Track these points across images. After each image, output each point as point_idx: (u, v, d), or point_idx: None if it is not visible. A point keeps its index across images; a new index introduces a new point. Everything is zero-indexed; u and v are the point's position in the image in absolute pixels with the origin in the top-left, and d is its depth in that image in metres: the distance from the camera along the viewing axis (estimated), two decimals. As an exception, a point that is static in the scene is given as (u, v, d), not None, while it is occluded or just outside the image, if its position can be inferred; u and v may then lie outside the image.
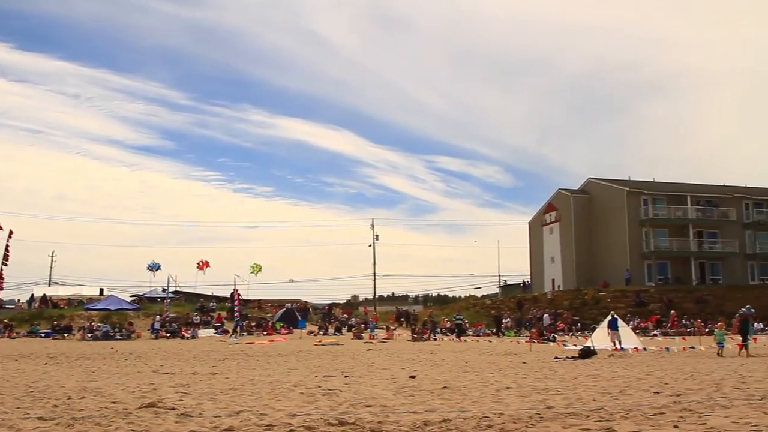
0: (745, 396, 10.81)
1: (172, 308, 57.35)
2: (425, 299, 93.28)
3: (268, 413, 9.70)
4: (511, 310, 59.55)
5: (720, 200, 66.30)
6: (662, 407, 9.60)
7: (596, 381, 14.70)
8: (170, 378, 16.51)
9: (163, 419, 9.19)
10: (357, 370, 19.63)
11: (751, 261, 65.98)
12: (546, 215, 71.84)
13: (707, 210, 65.24)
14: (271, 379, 16.13)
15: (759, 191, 69.58)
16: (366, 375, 17.56)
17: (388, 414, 9.53)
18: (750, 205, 67.33)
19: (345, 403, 11.05)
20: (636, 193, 63.84)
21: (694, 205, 64.60)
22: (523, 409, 9.89)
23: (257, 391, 13.12)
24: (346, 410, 10.06)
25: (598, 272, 63.28)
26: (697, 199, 65.36)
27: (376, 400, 11.51)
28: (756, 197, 68.05)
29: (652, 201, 64.02)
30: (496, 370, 18.97)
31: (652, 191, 64.92)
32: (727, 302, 56.02)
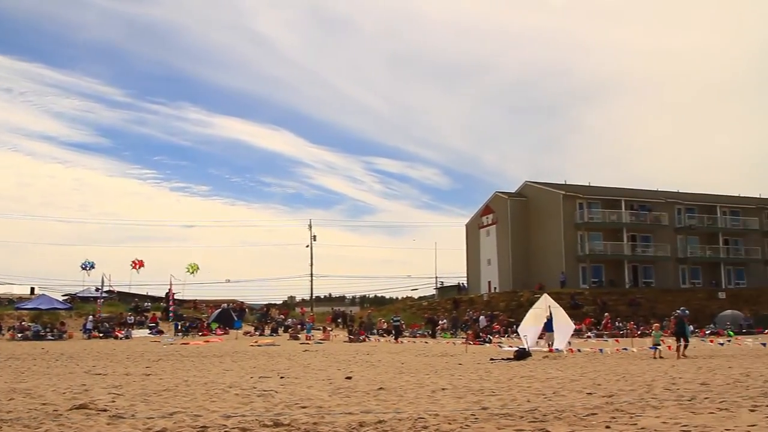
0: (675, 397, 10.98)
1: (105, 308, 56.57)
2: (362, 300, 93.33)
3: (202, 414, 9.59)
4: (448, 312, 59.82)
5: (653, 205, 67.49)
6: (595, 408, 9.71)
7: (531, 382, 14.82)
8: (102, 379, 16.25)
9: (95, 421, 9.03)
10: (293, 371, 19.54)
11: (683, 265, 67.29)
12: (483, 218, 72.32)
13: (641, 214, 66.31)
14: (205, 380, 15.97)
15: (691, 197, 71.06)
16: (302, 376, 17.49)
17: (323, 415, 9.48)
18: (682, 210, 68.66)
19: (280, 404, 10.98)
20: (572, 196, 64.63)
21: (628, 210, 65.63)
22: (459, 410, 9.91)
23: (191, 392, 12.97)
24: (282, 411, 10.00)
25: (533, 274, 63.91)
26: (631, 204, 66.41)
27: (312, 401, 11.46)
28: (688, 202, 69.45)
29: (588, 205, 64.86)
30: (432, 372, 19.01)
31: (588, 195, 65.78)
32: (659, 305, 57.07)
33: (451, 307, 62.02)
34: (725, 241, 69.51)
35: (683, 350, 24.47)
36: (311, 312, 67.02)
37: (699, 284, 66.90)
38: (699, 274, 68.15)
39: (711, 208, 69.77)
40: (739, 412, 8.79)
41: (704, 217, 69.00)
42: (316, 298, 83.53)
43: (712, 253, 68.21)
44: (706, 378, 14.26)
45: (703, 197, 71.99)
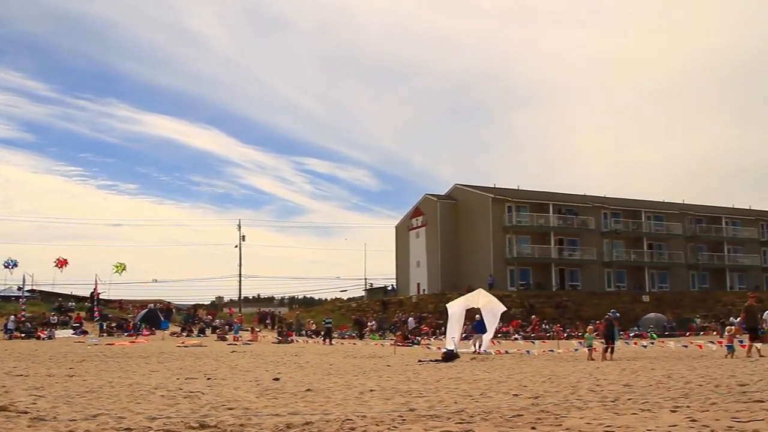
0: (599, 398, 11.12)
1: (27, 308, 55.31)
2: (291, 301, 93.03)
3: (126, 416, 9.41)
4: (377, 313, 59.90)
5: (580, 209, 68.56)
6: (521, 409, 9.78)
7: (458, 384, 14.87)
8: (23, 380, 15.86)
9: (15, 423, 8.80)
10: (220, 372, 19.33)
11: (608, 268, 68.47)
12: (413, 220, 72.62)
13: (568, 218, 67.34)
14: (130, 381, 15.69)
15: (617, 201, 72.39)
16: (229, 377, 17.31)
17: (250, 417, 9.38)
18: (608, 215, 69.91)
19: (207, 405, 10.84)
20: (501, 200, 65.29)
21: (555, 214, 66.57)
22: (386, 412, 9.90)
23: (116, 393, 12.72)
24: (208, 413, 9.87)
25: (462, 277, 64.31)
26: (558, 208, 67.37)
27: (239, 402, 11.34)
28: (614, 207, 70.73)
29: (516, 208, 65.60)
30: (360, 373, 18.99)
31: (516, 199, 66.52)
32: (585, 308, 58.02)
33: (379, 308, 62.13)
34: (649, 246, 70.98)
35: (610, 354, 24.71)
36: (239, 313, 66.51)
37: (624, 287, 68.20)
38: (624, 278, 69.47)
39: (636, 213, 71.23)
40: (661, 412, 8.94)
41: (629, 221, 70.37)
42: (245, 298, 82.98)
43: (637, 257, 69.59)
44: (630, 379, 14.48)
45: (629, 202, 73.47)
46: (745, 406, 9.17)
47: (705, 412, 8.75)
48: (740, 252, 76.80)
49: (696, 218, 75.18)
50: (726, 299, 66.12)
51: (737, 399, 10.11)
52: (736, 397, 10.44)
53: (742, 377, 13.81)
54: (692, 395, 11.03)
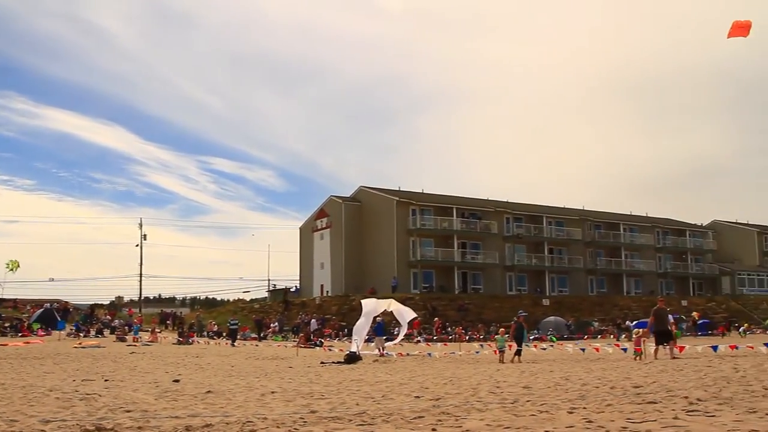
0: (498, 400, 11.25)
1: None
2: (193, 302, 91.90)
3: (19, 419, 9.13)
4: (279, 315, 59.54)
5: (483, 214, 69.36)
6: (422, 411, 9.83)
7: (360, 386, 14.89)
8: None
9: None
10: (118, 373, 18.96)
11: (510, 272, 69.51)
12: (317, 221, 72.42)
13: (471, 222, 68.02)
14: (24, 383, 15.25)
15: (519, 206, 73.60)
16: (128, 379, 16.99)
17: (148, 419, 9.21)
18: (510, 219, 70.98)
19: (104, 408, 10.61)
20: (405, 203, 65.61)
21: (459, 217, 67.18)
22: (287, 414, 9.84)
23: (8, 396, 12.35)
24: (105, 415, 9.65)
25: (366, 279, 64.41)
26: (462, 212, 68.03)
27: (137, 404, 11.13)
28: (516, 212, 71.87)
29: (420, 211, 66.02)
30: (262, 375, 18.87)
31: (421, 202, 66.95)
32: (486, 310, 58.81)
33: (282, 309, 61.79)
34: (550, 250, 72.30)
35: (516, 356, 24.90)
36: (139, 313, 65.29)
37: (525, 291, 69.33)
38: (525, 281, 70.64)
39: (537, 219, 72.48)
40: (559, 413, 9.09)
41: (531, 226, 71.58)
42: (145, 298, 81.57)
43: (538, 261, 70.83)
44: (529, 381, 14.70)
45: (531, 208, 74.76)
46: (639, 408, 9.40)
47: (601, 413, 8.94)
48: (637, 258, 78.96)
49: (595, 224, 77.00)
50: (623, 303, 67.97)
51: (631, 400, 10.36)
52: (630, 398, 10.69)
53: (636, 379, 14.15)
54: (589, 397, 11.25)
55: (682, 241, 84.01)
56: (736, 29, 19.46)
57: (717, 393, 10.88)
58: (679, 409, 9.01)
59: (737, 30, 19.44)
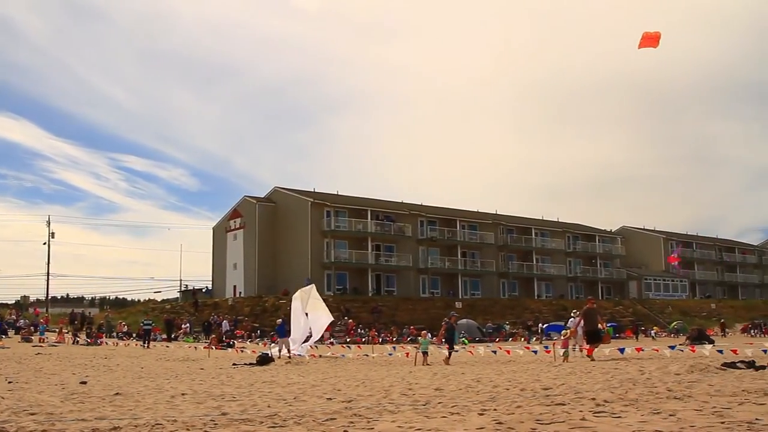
0: (410, 402, 11.29)
1: None
2: (102, 302, 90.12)
3: None
4: (191, 315, 58.76)
5: (398, 216, 69.63)
6: (334, 413, 9.80)
7: (272, 387, 14.79)
8: None
9: None
10: (23, 375, 18.47)
11: (423, 275, 69.91)
12: (231, 221, 71.71)
13: (385, 225, 68.19)
14: None
15: (433, 210, 74.07)
16: (33, 380, 16.57)
17: (54, 422, 8.99)
18: (425, 223, 71.40)
19: (6, 410, 10.31)
20: (320, 204, 65.46)
21: (373, 220, 67.29)
22: (198, 416, 9.71)
23: None
24: (8, 418, 9.38)
25: (279, 280, 64.04)
26: (376, 214, 68.18)
27: (42, 407, 10.86)
28: (430, 215, 72.32)
29: (335, 213, 65.94)
30: (173, 376, 18.60)
31: (335, 204, 66.89)
32: (400, 313, 59.07)
33: (192, 310, 60.98)
34: (463, 254, 72.92)
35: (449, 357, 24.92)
36: (46, 313, 63.71)
37: (438, 293, 69.85)
38: (438, 284, 71.17)
39: (451, 222, 73.08)
40: (470, 415, 9.16)
41: (445, 230, 72.09)
42: (53, 298, 79.83)
43: (451, 264, 71.34)
44: (441, 383, 14.79)
45: (445, 211, 75.30)
46: (548, 409, 9.53)
47: (511, 415, 9.03)
48: (548, 262, 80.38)
49: (508, 229, 78.07)
50: (534, 306, 69.02)
51: (541, 402, 10.50)
52: (540, 400, 10.84)
53: (546, 381, 14.36)
54: (499, 398, 11.37)
55: (591, 246, 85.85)
56: (646, 40, 19.95)
57: (623, 394, 11.10)
58: (586, 411, 9.16)
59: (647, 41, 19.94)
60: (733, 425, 7.55)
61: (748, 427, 7.44)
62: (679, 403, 9.83)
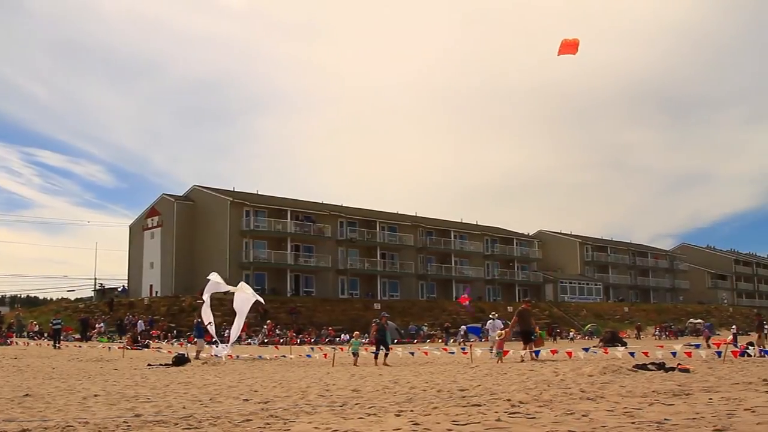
0: (327, 403, 11.27)
1: None
2: (13, 300, 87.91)
3: None
4: (105, 315, 57.69)
5: (317, 217, 69.50)
6: (250, 414, 9.72)
7: (188, 388, 14.61)
8: None
9: None
10: (-74, 376, 17.90)
11: (342, 276, 69.91)
12: (148, 219, 70.61)
13: (305, 225, 68.01)
14: None
15: (353, 211, 74.11)
16: (-63, 381, 16.07)
17: (-43, 424, 8.73)
18: (344, 224, 71.40)
19: None
20: (239, 203, 64.93)
21: (293, 220, 67.03)
22: (110, 418, 9.53)
23: None
24: None
25: (197, 279, 63.02)
26: (296, 214, 67.95)
27: (-54, 408, 10.53)
28: (350, 216, 72.34)
29: (254, 213, 65.49)
30: (85, 377, 18.23)
31: (255, 203, 66.42)
32: (318, 314, 58.97)
33: (107, 309, 59.87)
34: (382, 255, 73.15)
35: (383, 358, 24.78)
36: (-47, 312, 61.96)
37: (356, 295, 69.87)
38: (357, 285, 71.21)
39: (371, 223, 73.23)
40: (386, 416, 9.17)
41: (364, 231, 72.17)
42: (-41, 297, 77.43)
43: (370, 265, 71.47)
44: (358, 385, 14.80)
45: (365, 212, 75.42)
46: (464, 410, 9.60)
47: (427, 416, 9.07)
48: (466, 264, 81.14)
49: (427, 231, 78.61)
50: (451, 308, 69.51)
51: (457, 403, 10.58)
52: (456, 401, 10.92)
53: (462, 383, 14.47)
54: (416, 399, 11.42)
55: (509, 250, 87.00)
56: (565, 47, 20.23)
57: (538, 395, 11.25)
58: (501, 411, 9.25)
59: (566, 48, 20.22)
60: (643, 425, 7.71)
61: (657, 427, 7.60)
62: (591, 403, 10.00)
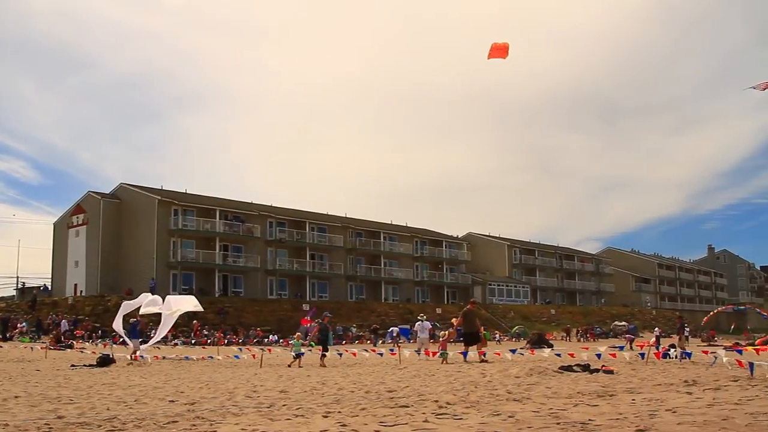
0: (255, 404, 11.20)
1: None
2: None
3: None
4: (27, 314, 56.47)
5: (247, 217, 69.05)
6: (176, 416, 9.62)
7: (112, 390, 14.39)
8: None
9: None
10: None
11: (271, 276, 69.53)
12: (73, 217, 69.30)
13: (234, 225, 67.51)
14: None
15: (282, 211, 73.79)
16: None
17: None
18: (274, 224, 71.05)
19: None
20: (167, 202, 64.14)
21: (222, 219, 66.49)
22: (32, 420, 9.33)
23: None
24: None
25: (123, 279, 62.35)
26: (225, 214, 67.41)
27: None
28: (279, 217, 72.03)
29: (183, 212, 64.77)
30: (6, 378, 17.81)
31: (183, 202, 65.69)
32: (246, 314, 58.64)
33: (30, 309, 58.61)
34: (312, 256, 72.98)
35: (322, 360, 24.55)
36: None
37: (285, 295, 69.57)
38: (286, 286, 70.88)
39: (301, 224, 73.03)
40: (314, 417, 9.15)
41: (294, 231, 71.89)
42: None
43: (300, 266, 71.23)
44: (286, 386, 14.74)
45: (294, 213, 75.17)
46: (391, 411, 9.63)
47: (355, 417, 9.08)
48: (395, 266, 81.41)
49: (357, 232, 78.68)
50: (380, 310, 69.88)
51: (385, 404, 10.60)
52: (384, 402, 10.94)
53: (390, 384, 14.52)
54: (344, 401, 11.41)
55: (438, 252, 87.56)
56: (495, 51, 20.43)
57: (465, 397, 11.34)
58: (429, 413, 9.31)
59: (496, 51, 20.42)
60: (568, 426, 7.82)
61: (581, 427, 7.72)
62: (518, 404, 10.12)
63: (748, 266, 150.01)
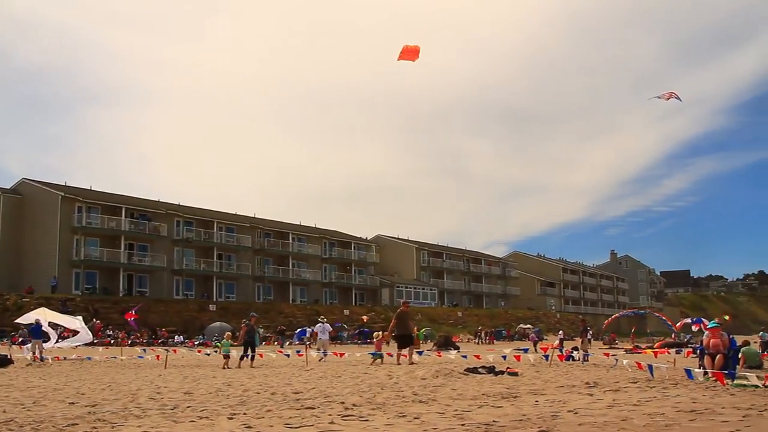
0: (158, 406, 11.05)
1: None
2: None
3: None
4: None
5: (153, 215, 67.97)
6: (76, 418, 9.43)
7: (9, 391, 14.03)
8: None
9: None
10: None
11: (178, 276, 68.57)
12: (-29, 213, 67.22)
13: (140, 223, 66.33)
14: None
15: (190, 210, 72.90)
16: None
17: None
18: (181, 223, 70.13)
19: None
20: (71, 199, 62.64)
21: (128, 218, 65.29)
22: None
23: None
24: None
25: (23, 277, 60.67)
26: (131, 212, 66.23)
27: None
28: (187, 216, 71.12)
29: (87, 209, 63.35)
30: None
31: (88, 199, 64.24)
32: (152, 315, 57.61)
33: None
34: (219, 256, 72.24)
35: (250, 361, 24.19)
36: None
37: (192, 295, 68.70)
38: (192, 286, 70.00)
39: (208, 224, 72.25)
40: (219, 419, 9.08)
41: (201, 231, 71.09)
42: None
43: (207, 266, 70.43)
44: (191, 387, 14.59)
45: (202, 212, 74.33)
46: (297, 413, 9.61)
47: (260, 419, 9.04)
48: (304, 267, 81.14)
49: (265, 233, 78.21)
50: (288, 311, 69.57)
51: (291, 406, 10.57)
52: (290, 404, 10.91)
53: (297, 385, 14.50)
54: (249, 402, 11.34)
55: (347, 253, 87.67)
56: (406, 53, 20.55)
57: (371, 398, 11.39)
58: (335, 414, 9.32)
59: (407, 54, 20.54)
60: (473, 427, 7.92)
61: (485, 428, 7.83)
62: (423, 406, 10.21)
63: (648, 271, 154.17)
